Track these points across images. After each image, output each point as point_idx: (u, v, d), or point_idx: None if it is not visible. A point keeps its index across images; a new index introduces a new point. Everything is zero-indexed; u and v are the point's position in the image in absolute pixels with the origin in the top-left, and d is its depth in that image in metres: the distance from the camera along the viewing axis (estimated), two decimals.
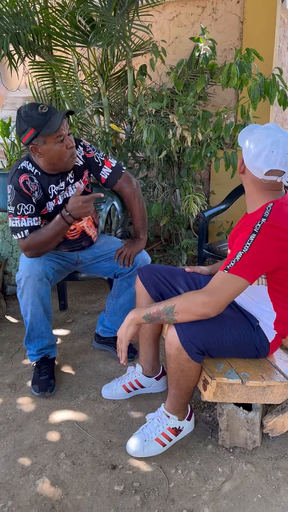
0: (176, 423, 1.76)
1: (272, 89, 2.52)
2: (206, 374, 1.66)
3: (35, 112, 1.95)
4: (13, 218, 2.06)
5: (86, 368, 2.35)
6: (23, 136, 1.98)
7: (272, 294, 1.63)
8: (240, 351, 1.71)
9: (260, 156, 1.50)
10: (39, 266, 2.09)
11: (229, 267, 1.50)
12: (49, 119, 1.95)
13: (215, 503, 1.54)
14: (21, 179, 2.06)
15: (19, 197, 2.06)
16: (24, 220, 2.05)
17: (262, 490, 1.60)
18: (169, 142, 2.87)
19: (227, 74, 2.66)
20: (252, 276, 1.50)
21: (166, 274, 1.92)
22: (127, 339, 1.66)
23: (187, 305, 1.53)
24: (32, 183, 2.09)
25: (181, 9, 3.68)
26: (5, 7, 3.01)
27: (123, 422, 1.94)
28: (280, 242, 1.49)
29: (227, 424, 1.73)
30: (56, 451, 1.79)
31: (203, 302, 1.51)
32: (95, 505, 1.55)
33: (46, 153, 2.01)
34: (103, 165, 2.24)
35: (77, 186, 2.05)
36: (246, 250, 1.48)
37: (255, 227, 1.50)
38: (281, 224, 1.50)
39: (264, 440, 1.81)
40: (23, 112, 1.98)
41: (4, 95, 4.63)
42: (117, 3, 2.94)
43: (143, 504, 1.55)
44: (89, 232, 2.33)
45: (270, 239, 1.49)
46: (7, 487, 1.62)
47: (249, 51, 2.69)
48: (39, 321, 2.16)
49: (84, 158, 2.22)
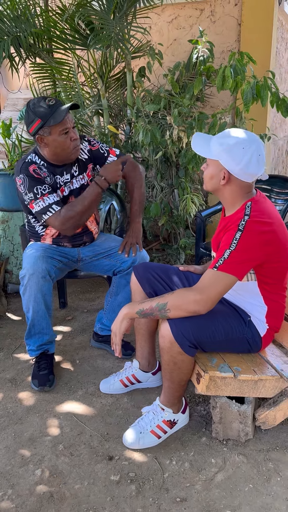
0: (171, 416, 1.82)
1: (264, 92, 2.57)
2: (200, 367, 1.72)
3: (42, 104, 2.09)
4: (36, 202, 2.13)
5: (85, 364, 2.41)
6: (30, 126, 2.10)
7: (262, 287, 1.70)
8: (233, 346, 1.76)
9: (251, 162, 1.57)
10: (42, 264, 2.15)
11: (218, 265, 1.57)
12: (55, 111, 2.07)
13: (208, 492, 1.60)
14: (30, 168, 2.17)
15: (32, 182, 2.14)
16: (47, 198, 2.13)
17: (253, 480, 1.65)
18: (165, 143, 2.93)
19: (222, 77, 2.72)
20: (240, 272, 1.57)
21: (161, 272, 1.98)
22: (120, 333, 1.73)
23: (179, 302, 1.60)
24: (42, 171, 2.19)
25: (179, 11, 3.73)
26: (5, 10, 3.07)
27: (120, 416, 2.00)
28: (264, 236, 1.57)
29: (220, 417, 1.79)
30: (55, 443, 1.85)
31: (194, 300, 1.57)
32: (92, 493, 1.61)
33: (51, 143, 2.12)
34: (108, 154, 2.35)
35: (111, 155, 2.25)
36: (233, 247, 1.55)
37: (240, 224, 1.57)
38: (263, 218, 1.58)
39: (256, 432, 1.87)
40: (31, 104, 2.11)
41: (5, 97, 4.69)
42: (116, 6, 3.00)
43: (138, 493, 1.60)
44: (91, 227, 2.39)
45: (255, 235, 1.56)
46: (7, 477, 1.68)
47: (242, 54, 2.74)
48: (40, 317, 2.22)
49: (89, 152, 2.32)
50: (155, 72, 3.29)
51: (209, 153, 1.65)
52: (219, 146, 1.62)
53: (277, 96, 2.66)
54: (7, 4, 3.07)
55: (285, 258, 1.66)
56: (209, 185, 1.70)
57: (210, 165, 1.66)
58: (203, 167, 1.70)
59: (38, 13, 3.16)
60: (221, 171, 1.63)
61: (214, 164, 1.65)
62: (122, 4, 3.01)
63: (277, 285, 1.72)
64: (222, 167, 1.62)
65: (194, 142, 1.70)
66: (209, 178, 1.68)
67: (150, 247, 3.79)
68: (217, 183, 1.66)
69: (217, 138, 1.65)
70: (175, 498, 1.58)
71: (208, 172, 1.68)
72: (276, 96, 2.66)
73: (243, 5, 3.52)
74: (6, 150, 3.26)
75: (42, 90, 3.61)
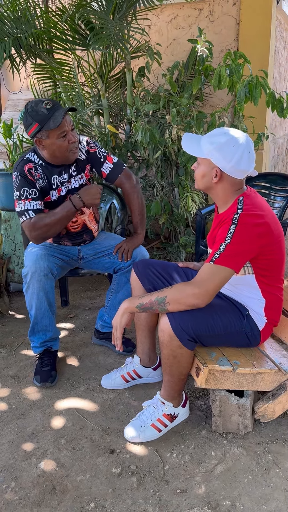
0: (171, 410, 1.84)
1: (256, 91, 2.60)
2: (199, 361, 1.74)
3: (40, 107, 2.09)
4: (18, 202, 2.17)
5: (87, 360, 2.44)
6: (29, 129, 2.12)
7: (259, 280, 1.73)
8: (231, 340, 1.79)
9: (243, 159, 1.62)
10: (44, 262, 2.18)
11: (215, 259, 1.60)
12: (53, 115, 2.08)
13: (208, 484, 1.62)
14: (26, 167, 2.19)
15: (23, 182, 2.17)
16: (28, 203, 2.16)
17: (252, 472, 1.67)
18: (164, 142, 2.96)
19: (218, 76, 2.75)
20: (237, 264, 1.60)
21: (160, 269, 2.01)
22: (121, 327, 1.77)
23: (178, 296, 1.63)
24: (37, 172, 2.21)
25: (178, 11, 3.76)
26: (6, 11, 3.11)
27: (121, 410, 2.02)
28: (258, 228, 1.60)
29: (219, 410, 1.81)
30: (57, 437, 1.87)
31: (193, 293, 1.60)
32: (93, 485, 1.63)
33: (49, 146, 2.14)
34: (104, 160, 2.35)
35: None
36: (228, 241, 1.58)
37: (234, 218, 1.61)
38: (256, 211, 1.62)
39: (256, 425, 1.89)
40: (29, 107, 2.11)
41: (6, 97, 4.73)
42: (116, 7, 3.03)
43: (139, 484, 1.63)
44: (90, 226, 2.42)
45: (249, 227, 1.59)
46: (10, 470, 1.71)
47: (236, 54, 2.77)
48: (43, 314, 2.25)
49: (87, 153, 2.33)
50: (155, 71, 3.32)
51: (200, 152, 1.68)
52: (210, 145, 1.65)
53: (273, 96, 2.68)
54: (8, 6, 3.10)
55: (279, 250, 1.69)
56: (201, 183, 1.73)
57: (201, 164, 1.70)
58: (194, 166, 1.74)
59: (38, 14, 3.19)
60: (213, 169, 1.67)
61: (205, 163, 1.68)
62: (121, 5, 3.04)
63: (274, 277, 1.75)
64: (214, 165, 1.66)
65: (184, 143, 1.74)
66: (201, 176, 1.71)
67: (151, 245, 3.82)
68: (209, 181, 1.70)
69: (207, 137, 1.69)
70: (176, 490, 1.60)
71: (199, 171, 1.71)
72: (272, 96, 2.68)
73: (242, 4, 3.55)
74: (7, 150, 3.30)
75: (43, 90, 3.65)
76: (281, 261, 1.73)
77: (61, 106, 2.15)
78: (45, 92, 3.67)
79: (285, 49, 4.41)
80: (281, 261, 1.73)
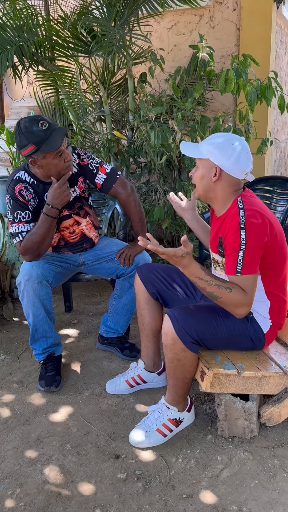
0: (176, 414, 1.83)
1: (268, 92, 2.60)
2: (203, 365, 1.74)
3: (36, 128, 2.01)
4: (12, 224, 2.18)
5: (91, 365, 2.43)
6: (23, 150, 2.05)
7: (265, 280, 1.74)
8: (236, 343, 1.78)
9: (241, 158, 1.66)
10: (38, 270, 2.18)
11: (240, 270, 1.61)
12: (50, 136, 2.02)
13: (214, 489, 1.61)
14: (16, 189, 2.17)
15: (16, 205, 2.17)
16: (22, 226, 2.16)
17: (259, 476, 1.66)
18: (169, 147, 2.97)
19: (225, 80, 2.76)
20: (257, 267, 1.64)
21: (164, 272, 2.01)
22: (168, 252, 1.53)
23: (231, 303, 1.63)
24: (28, 192, 2.18)
25: (179, 17, 3.79)
26: (9, 20, 3.14)
27: (126, 415, 2.02)
28: (263, 227, 1.63)
29: (225, 414, 1.80)
30: (62, 442, 1.87)
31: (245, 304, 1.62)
32: (99, 491, 1.62)
33: (44, 166, 2.10)
34: (97, 171, 2.32)
35: (52, 179, 2.14)
36: (243, 247, 1.60)
37: (240, 223, 1.62)
38: (257, 210, 1.65)
39: (262, 429, 1.88)
40: (23, 126, 2.03)
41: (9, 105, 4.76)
42: (117, 14, 3.05)
43: (145, 490, 1.62)
44: (89, 234, 2.41)
45: (257, 228, 1.62)
46: (15, 476, 1.70)
47: (245, 57, 2.78)
48: (41, 321, 2.25)
49: (78, 165, 2.30)
50: (156, 77, 3.34)
51: (199, 154, 1.72)
52: (209, 145, 1.70)
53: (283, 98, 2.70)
54: (10, 16, 3.13)
55: (281, 246, 1.72)
56: (200, 187, 1.75)
57: (200, 167, 1.74)
58: (191, 172, 1.77)
59: (40, 23, 3.22)
60: (212, 169, 1.69)
61: (204, 164, 1.71)
62: (122, 12, 3.06)
63: (278, 275, 1.76)
64: (213, 164, 1.69)
65: (183, 148, 1.78)
66: (200, 179, 1.74)
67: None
68: (208, 182, 1.72)
69: (206, 140, 1.74)
70: (182, 495, 1.59)
71: (198, 174, 1.74)
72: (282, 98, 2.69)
73: (242, 10, 3.57)
74: (10, 157, 3.32)
75: (45, 97, 3.67)
76: (284, 256, 1.75)
77: (56, 125, 2.08)
78: (48, 99, 3.69)
79: (285, 53, 4.43)
80: (284, 256, 1.75)
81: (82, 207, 2.35)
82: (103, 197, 3.06)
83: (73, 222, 2.32)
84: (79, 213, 2.34)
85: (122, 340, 2.51)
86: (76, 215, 2.33)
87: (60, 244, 2.36)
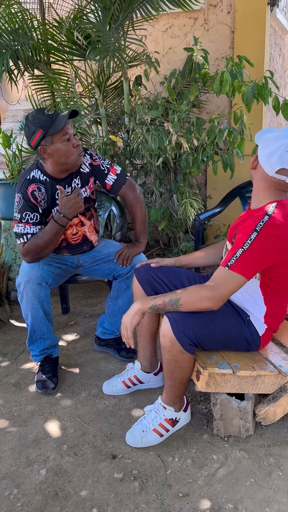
0: (173, 414, 1.85)
1: (265, 91, 2.62)
2: (199, 365, 1.75)
3: (42, 115, 2.09)
4: (18, 224, 2.19)
5: (88, 367, 2.44)
6: (32, 138, 2.10)
7: (265, 289, 1.73)
8: (232, 344, 1.80)
9: (275, 154, 1.57)
10: (37, 271, 2.20)
11: (230, 264, 1.59)
12: (56, 119, 2.08)
13: (210, 487, 1.63)
14: (30, 189, 2.19)
15: (26, 206, 2.18)
16: (28, 227, 2.17)
17: (255, 475, 1.67)
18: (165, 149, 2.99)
19: (220, 82, 2.78)
20: (250, 273, 1.59)
21: (161, 274, 2.02)
22: (132, 327, 1.74)
23: (192, 299, 1.63)
24: (40, 193, 2.20)
25: (174, 21, 3.81)
26: (4, 24, 3.15)
27: (123, 416, 2.03)
28: (279, 241, 1.57)
29: (221, 414, 1.81)
30: (59, 443, 1.88)
31: (207, 297, 1.60)
32: (96, 491, 1.63)
33: (54, 153, 2.12)
34: (108, 172, 2.35)
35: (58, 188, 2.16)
36: (246, 247, 1.57)
37: (258, 225, 1.57)
38: (282, 223, 1.58)
39: (257, 428, 1.89)
40: (31, 116, 2.11)
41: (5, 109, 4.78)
42: (112, 17, 3.07)
43: (141, 489, 1.63)
44: (90, 237, 2.43)
45: (270, 238, 1.56)
46: (13, 477, 1.71)
47: (240, 58, 2.80)
48: (39, 323, 2.26)
49: (90, 165, 2.33)
50: (151, 80, 3.36)
51: (257, 140, 1.69)
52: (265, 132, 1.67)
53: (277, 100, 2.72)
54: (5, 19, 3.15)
55: None
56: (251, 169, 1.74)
57: None
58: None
59: (36, 27, 3.23)
60: (255, 156, 1.69)
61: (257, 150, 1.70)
62: (117, 15, 3.08)
63: (280, 290, 1.74)
64: None
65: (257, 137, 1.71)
66: (251, 162, 1.72)
67: (151, 252, 3.83)
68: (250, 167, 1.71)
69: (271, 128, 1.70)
70: (178, 494, 1.61)
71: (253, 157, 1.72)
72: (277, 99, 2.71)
73: (236, 12, 3.59)
74: (6, 160, 3.33)
75: (41, 101, 3.69)
76: None
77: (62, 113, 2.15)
78: (43, 103, 3.71)
79: (280, 55, 4.46)
80: None
81: (89, 208, 2.37)
82: (99, 199, 3.08)
83: (78, 221, 2.34)
84: (85, 214, 2.35)
85: (118, 341, 2.52)
86: (83, 215, 2.34)
87: (62, 245, 2.37)
